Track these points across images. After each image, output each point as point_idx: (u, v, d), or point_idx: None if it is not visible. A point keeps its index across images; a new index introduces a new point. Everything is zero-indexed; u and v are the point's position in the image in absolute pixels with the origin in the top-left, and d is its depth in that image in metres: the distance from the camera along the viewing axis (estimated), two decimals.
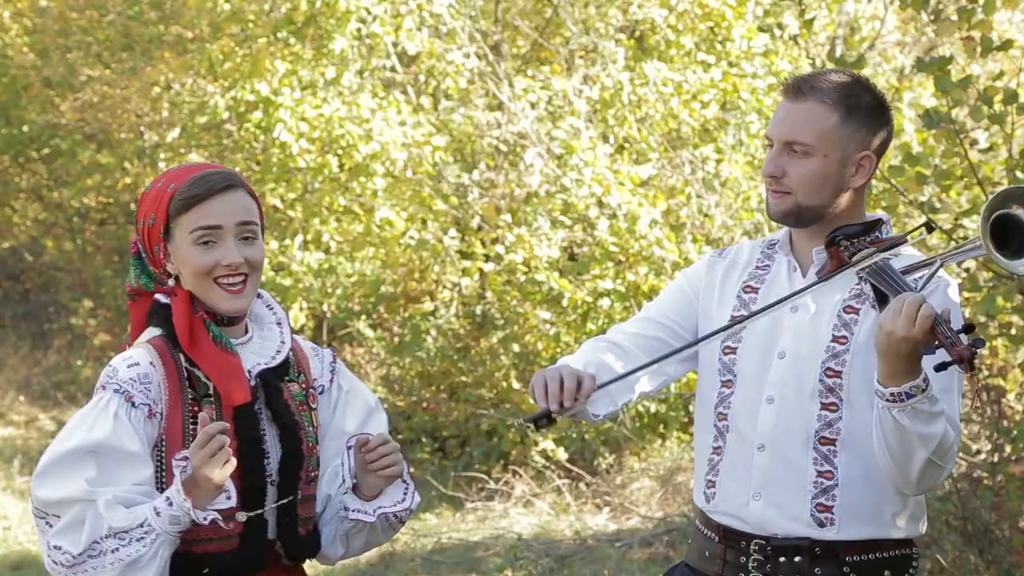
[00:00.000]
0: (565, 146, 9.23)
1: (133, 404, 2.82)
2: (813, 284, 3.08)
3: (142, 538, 2.76)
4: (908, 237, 3.13)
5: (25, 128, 14.82)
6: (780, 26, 9.92)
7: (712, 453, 3.17)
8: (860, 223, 3.13)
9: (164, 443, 2.86)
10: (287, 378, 2.98)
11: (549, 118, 9.72)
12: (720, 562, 3.16)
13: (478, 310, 10.36)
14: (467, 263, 10.24)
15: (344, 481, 3.02)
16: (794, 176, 3.08)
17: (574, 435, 9.09)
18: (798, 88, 3.10)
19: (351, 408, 3.08)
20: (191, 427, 2.85)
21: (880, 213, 3.22)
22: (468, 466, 9.67)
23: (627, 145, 9.78)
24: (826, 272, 3.10)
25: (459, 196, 10.24)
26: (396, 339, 10.92)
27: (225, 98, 10.75)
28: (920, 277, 3.00)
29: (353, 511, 3.00)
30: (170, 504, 2.77)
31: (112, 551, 2.76)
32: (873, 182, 6.16)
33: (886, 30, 10.60)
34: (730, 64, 9.62)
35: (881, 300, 3.00)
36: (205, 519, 2.76)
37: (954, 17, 5.86)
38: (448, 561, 7.97)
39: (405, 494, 3.04)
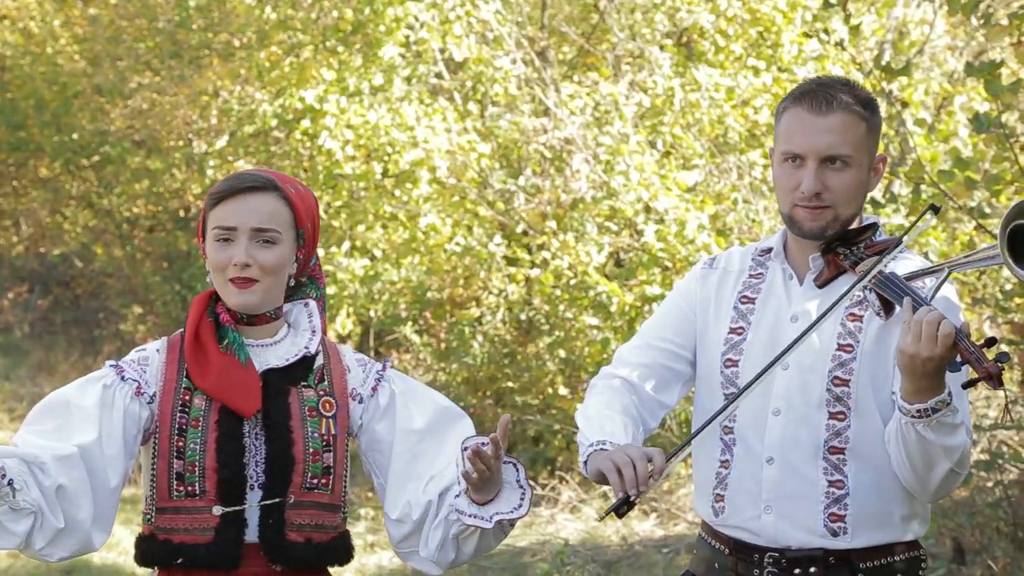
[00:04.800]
0: (612, 151, 9.22)
1: (122, 378, 2.94)
2: (839, 300, 3.03)
3: None
4: (903, 239, 3.12)
5: (75, 135, 14.97)
6: (828, 31, 9.87)
7: (720, 467, 3.15)
8: (856, 228, 3.13)
9: (157, 428, 2.93)
10: (304, 383, 2.99)
11: (595, 123, 9.72)
12: (732, 574, 3.15)
13: (524, 316, 10.36)
14: (512, 269, 10.25)
15: (459, 483, 2.96)
16: (836, 190, 3.06)
17: None
18: (825, 100, 3.06)
19: (415, 408, 3.06)
20: (179, 415, 2.92)
21: (874, 217, 3.21)
22: None
23: (673, 150, 9.76)
24: (824, 278, 3.10)
25: (505, 202, 10.26)
26: (442, 345, 10.95)
27: (273, 106, 10.82)
28: (923, 286, 2.99)
29: (469, 516, 2.94)
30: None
31: None
32: (923, 187, 6.14)
33: (935, 34, 10.53)
34: (780, 69, 9.59)
35: (887, 308, 3.01)
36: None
37: (1004, 22, 5.82)
38: (495, 567, 7.97)
39: (522, 500, 2.98)
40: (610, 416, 3.12)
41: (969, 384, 2.81)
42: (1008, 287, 6.90)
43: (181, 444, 2.91)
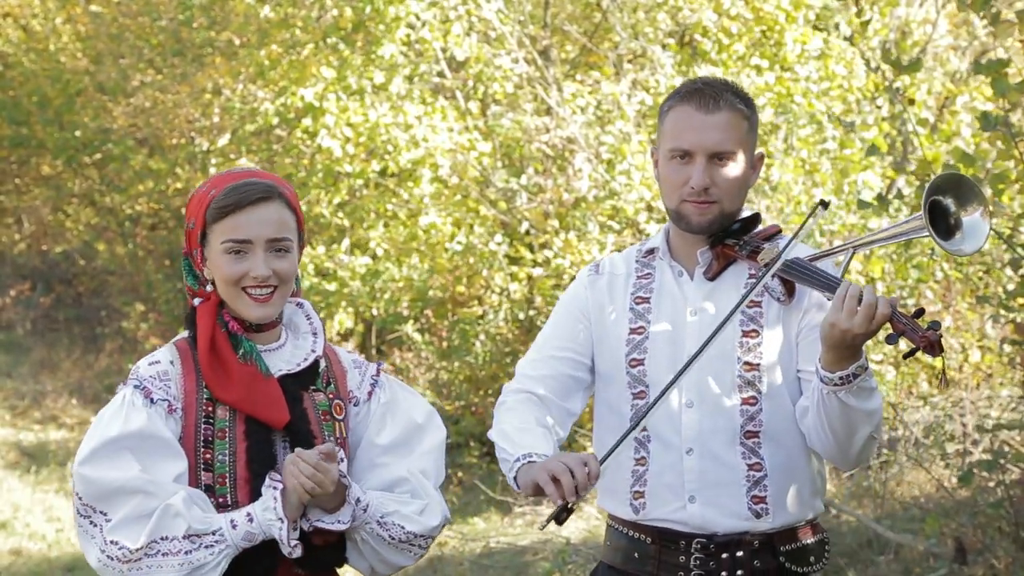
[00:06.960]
0: (614, 150, 9.23)
1: (152, 400, 2.84)
2: (753, 288, 3.08)
3: (212, 545, 2.77)
4: (780, 226, 3.27)
5: (78, 133, 14.98)
6: (836, 26, 9.87)
7: (636, 465, 3.20)
8: (739, 220, 3.23)
9: (182, 441, 2.87)
10: (313, 387, 2.97)
11: (598, 123, 9.72)
12: (654, 562, 3.20)
13: (526, 315, 10.36)
14: (515, 268, 10.25)
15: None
16: (722, 185, 3.15)
17: None
18: (712, 99, 3.16)
19: (389, 422, 3.04)
20: (203, 427, 2.87)
21: (752, 209, 3.29)
22: None
23: None
24: (714, 271, 3.20)
25: (507, 201, 10.25)
26: (444, 344, 10.94)
27: (275, 104, 10.82)
28: (834, 265, 3.13)
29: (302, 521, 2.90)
30: (250, 520, 2.79)
31: (179, 552, 2.76)
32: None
33: (938, 34, 10.53)
34: (783, 68, 9.58)
35: (790, 292, 3.13)
36: (293, 544, 2.79)
37: (1012, 18, 5.80)
38: (496, 565, 7.97)
39: (343, 516, 2.90)
40: (528, 429, 3.16)
41: (909, 354, 2.89)
42: (1011, 286, 6.89)
43: (209, 456, 2.86)
